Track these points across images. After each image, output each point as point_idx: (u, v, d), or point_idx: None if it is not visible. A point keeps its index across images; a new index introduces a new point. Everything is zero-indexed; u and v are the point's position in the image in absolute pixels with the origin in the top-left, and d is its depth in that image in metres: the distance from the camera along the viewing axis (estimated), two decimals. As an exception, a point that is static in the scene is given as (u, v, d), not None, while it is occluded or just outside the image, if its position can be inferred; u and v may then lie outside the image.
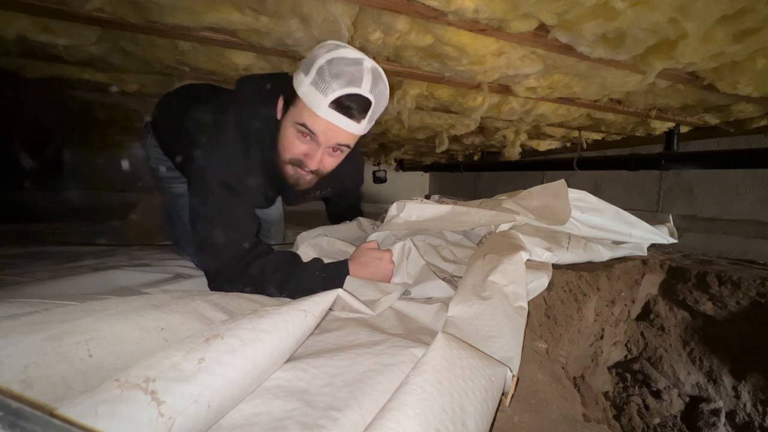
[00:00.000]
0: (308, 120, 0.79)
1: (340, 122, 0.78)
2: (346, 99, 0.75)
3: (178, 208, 1.22)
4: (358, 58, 0.77)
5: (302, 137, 0.82)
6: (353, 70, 0.75)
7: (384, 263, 0.92)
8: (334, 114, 0.77)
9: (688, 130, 1.96)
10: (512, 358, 0.58)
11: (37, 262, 1.17)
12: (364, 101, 0.77)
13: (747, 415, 1.19)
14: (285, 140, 0.84)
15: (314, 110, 0.77)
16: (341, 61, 0.75)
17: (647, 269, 1.48)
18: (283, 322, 0.49)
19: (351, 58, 0.76)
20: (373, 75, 0.77)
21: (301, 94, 0.78)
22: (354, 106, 0.77)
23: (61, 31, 1.00)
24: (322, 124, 0.78)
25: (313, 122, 0.78)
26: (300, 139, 0.82)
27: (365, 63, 0.77)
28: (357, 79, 0.75)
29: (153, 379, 0.35)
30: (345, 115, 0.78)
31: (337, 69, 0.74)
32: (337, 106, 0.76)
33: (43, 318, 0.46)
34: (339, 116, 0.77)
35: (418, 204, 1.10)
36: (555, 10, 0.83)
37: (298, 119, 0.80)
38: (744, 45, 0.92)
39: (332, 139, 0.81)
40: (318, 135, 0.80)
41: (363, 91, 0.76)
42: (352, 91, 0.75)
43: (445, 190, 4.48)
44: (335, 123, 0.78)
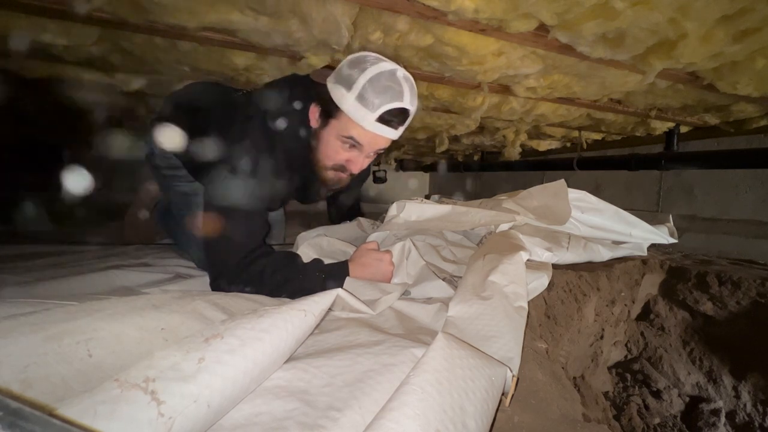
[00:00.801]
0: (355, 133, 0.86)
1: (383, 132, 0.86)
2: (390, 113, 0.82)
3: (183, 207, 1.22)
4: (393, 68, 0.82)
5: (347, 147, 0.89)
6: (393, 83, 0.81)
7: (384, 264, 0.94)
8: (380, 126, 0.84)
9: (688, 130, 1.96)
10: (512, 358, 0.58)
11: (37, 262, 1.17)
12: (405, 112, 0.85)
13: (747, 415, 1.19)
14: (328, 149, 0.91)
15: (361, 124, 0.83)
16: (381, 76, 0.80)
17: (647, 269, 1.48)
18: (283, 321, 0.49)
19: (388, 70, 0.81)
20: (409, 85, 0.84)
21: (346, 110, 0.83)
22: (396, 119, 0.84)
23: (61, 31, 1.00)
24: (368, 136, 0.86)
25: (360, 135, 0.86)
26: (345, 148, 0.89)
27: (398, 73, 0.82)
28: (399, 93, 0.81)
29: (153, 379, 0.35)
30: (388, 126, 0.85)
31: (379, 85, 0.80)
32: (382, 119, 0.83)
33: (42, 318, 0.46)
34: (383, 128, 0.84)
35: (418, 204, 1.10)
36: (555, 10, 0.83)
37: (344, 132, 0.86)
38: (744, 45, 0.92)
39: (374, 147, 0.90)
40: (363, 145, 0.88)
41: (405, 104, 0.83)
42: (397, 106, 0.81)
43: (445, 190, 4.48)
44: (380, 134, 0.86)
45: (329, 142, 0.90)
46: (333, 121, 0.87)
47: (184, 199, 1.20)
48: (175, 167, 1.19)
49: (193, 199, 1.18)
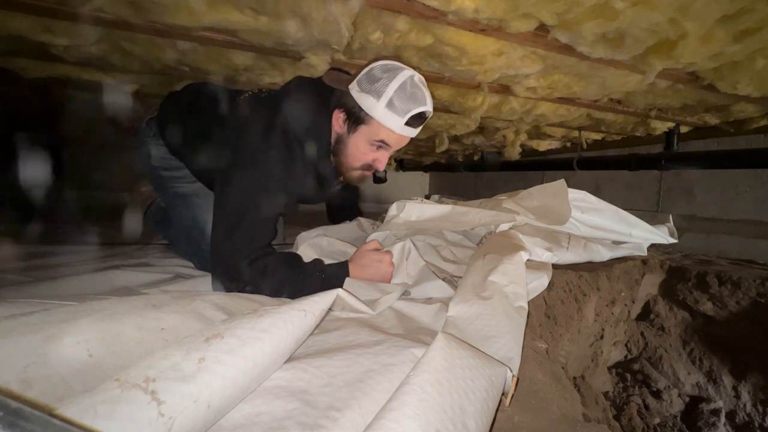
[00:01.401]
0: (386, 137, 0.94)
1: (409, 133, 0.95)
2: (415, 117, 0.90)
3: (178, 209, 1.21)
4: (411, 74, 0.89)
5: (376, 149, 0.97)
6: (416, 90, 0.89)
7: (384, 265, 0.95)
8: (408, 129, 0.93)
9: (688, 130, 1.96)
10: (512, 358, 0.58)
11: (37, 262, 1.17)
12: (427, 113, 0.93)
13: (747, 415, 1.19)
14: (357, 152, 0.97)
15: (392, 129, 0.91)
16: (406, 84, 0.88)
17: (647, 269, 1.48)
18: (283, 321, 0.49)
19: (409, 77, 0.88)
20: (426, 88, 0.92)
21: (378, 117, 0.90)
22: (420, 120, 0.93)
23: (61, 31, 1.00)
24: (396, 138, 0.95)
25: (389, 138, 0.94)
26: (373, 150, 0.97)
27: (416, 78, 0.90)
28: (421, 98, 0.89)
29: (153, 379, 0.35)
30: (413, 127, 0.94)
31: (406, 93, 0.88)
32: (408, 123, 0.91)
33: (42, 318, 0.46)
34: (409, 129, 0.93)
35: (418, 204, 1.10)
36: (555, 10, 0.83)
37: (375, 137, 0.94)
38: (744, 45, 0.92)
39: (400, 145, 0.98)
40: (392, 146, 0.96)
41: (428, 107, 0.91)
42: (422, 110, 0.90)
43: (445, 190, 4.48)
44: (406, 135, 0.95)
45: (359, 146, 0.96)
46: (363, 127, 0.94)
47: (182, 200, 1.20)
48: (174, 168, 1.19)
49: (192, 200, 1.18)
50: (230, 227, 0.86)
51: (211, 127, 1.05)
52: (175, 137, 1.16)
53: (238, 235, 0.85)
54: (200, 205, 1.14)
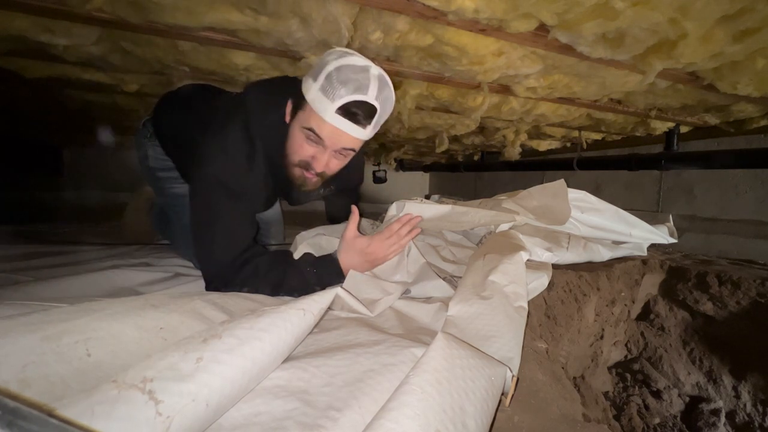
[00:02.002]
0: (315, 125, 0.81)
1: (345, 127, 0.81)
2: (352, 105, 0.78)
3: (176, 209, 1.22)
4: (365, 65, 0.79)
5: (309, 141, 0.85)
6: (360, 77, 0.77)
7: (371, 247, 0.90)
8: (340, 120, 0.80)
9: (688, 130, 1.96)
10: (512, 358, 0.58)
11: (37, 262, 1.17)
12: (370, 108, 0.80)
13: (747, 415, 1.19)
14: (294, 143, 0.87)
15: (321, 115, 0.79)
16: (349, 69, 0.77)
17: (647, 269, 1.48)
18: (282, 320, 0.49)
19: (359, 65, 0.78)
20: (380, 82, 0.80)
21: (309, 100, 0.80)
22: (360, 113, 0.80)
23: (61, 31, 1.00)
24: (328, 129, 0.81)
25: (320, 127, 0.81)
26: (308, 142, 0.85)
27: (372, 70, 0.79)
28: (364, 87, 0.78)
29: (150, 379, 0.35)
30: (351, 121, 0.80)
31: (344, 76, 0.77)
32: (344, 112, 0.79)
33: (41, 318, 0.46)
34: (345, 122, 0.80)
35: (417, 204, 1.09)
36: (555, 10, 0.83)
37: (305, 123, 0.82)
38: (744, 45, 0.92)
39: (338, 144, 0.84)
40: (324, 139, 0.83)
41: (369, 98, 0.78)
42: (359, 98, 0.78)
43: (445, 190, 4.48)
44: (341, 128, 0.81)
45: (295, 136, 0.86)
46: (300, 113, 0.84)
47: (178, 200, 1.20)
48: (169, 169, 1.19)
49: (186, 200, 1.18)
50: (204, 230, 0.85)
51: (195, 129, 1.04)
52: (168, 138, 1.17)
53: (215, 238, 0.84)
54: None
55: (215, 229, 0.85)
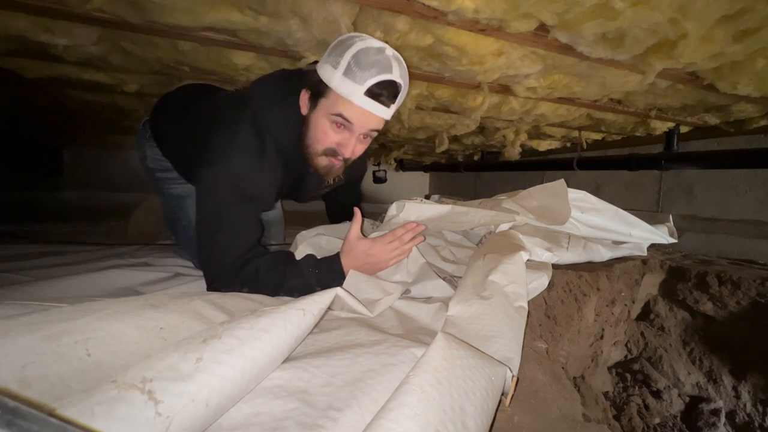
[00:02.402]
0: (344, 109, 0.82)
1: (373, 108, 0.82)
2: (379, 86, 0.79)
3: (176, 209, 1.22)
4: (381, 46, 0.80)
5: (336, 127, 0.85)
6: (381, 58, 0.79)
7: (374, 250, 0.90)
8: (369, 101, 0.81)
9: (688, 130, 1.96)
10: (512, 358, 0.58)
11: (37, 262, 1.17)
12: (395, 86, 0.82)
13: (747, 415, 1.19)
14: (318, 132, 0.87)
15: (350, 99, 0.80)
16: (369, 51, 0.78)
17: (647, 269, 1.48)
18: (282, 320, 0.49)
19: (376, 47, 0.79)
20: (398, 62, 0.81)
21: (335, 86, 0.80)
22: (386, 93, 0.81)
23: (61, 31, 1.00)
24: (357, 112, 0.82)
25: (348, 111, 0.82)
26: (334, 129, 0.85)
27: (387, 51, 0.80)
28: (387, 67, 0.79)
29: (150, 379, 0.35)
30: (378, 101, 0.81)
31: (367, 59, 0.78)
32: (371, 93, 0.80)
33: (41, 318, 0.46)
34: (373, 103, 0.81)
35: (417, 204, 1.09)
36: (555, 10, 0.83)
37: (332, 110, 0.83)
38: (744, 45, 0.92)
39: (366, 126, 0.85)
40: (354, 123, 0.83)
41: (394, 77, 0.80)
42: (385, 78, 0.79)
43: (445, 190, 4.48)
44: (369, 110, 0.82)
45: (318, 124, 0.86)
46: (322, 101, 0.84)
47: (177, 201, 1.20)
48: (167, 170, 1.19)
49: (186, 201, 1.18)
50: (211, 231, 0.85)
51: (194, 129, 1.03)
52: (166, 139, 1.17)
53: (220, 238, 0.84)
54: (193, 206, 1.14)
55: (221, 230, 0.84)
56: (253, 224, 0.91)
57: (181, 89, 1.22)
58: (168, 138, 1.16)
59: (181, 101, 1.17)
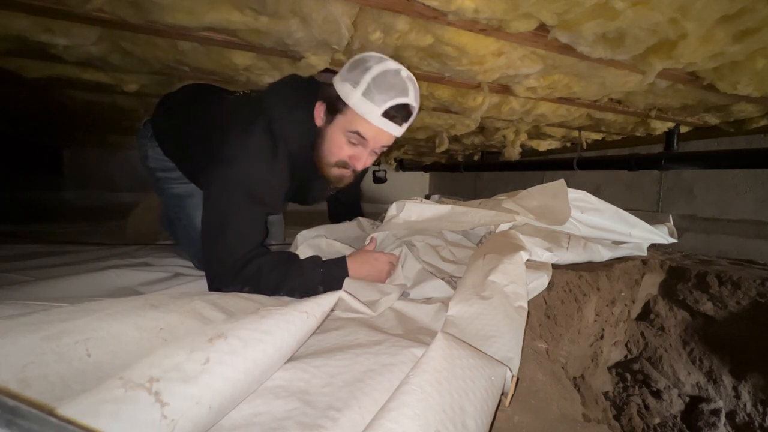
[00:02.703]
0: (361, 127, 0.87)
1: (388, 128, 0.87)
2: (395, 108, 0.84)
3: (177, 208, 1.22)
4: (397, 68, 0.85)
5: (351, 143, 0.90)
6: (398, 81, 0.84)
7: (380, 263, 0.95)
8: (385, 122, 0.86)
9: (688, 130, 1.96)
10: (512, 358, 0.58)
11: (37, 262, 1.17)
12: (409, 109, 0.87)
13: (747, 415, 1.19)
14: (333, 146, 0.92)
15: (368, 119, 0.85)
16: (387, 74, 0.83)
17: (647, 269, 1.48)
18: (285, 323, 0.49)
19: (393, 69, 0.84)
20: (413, 84, 0.87)
21: (353, 105, 0.85)
22: (401, 115, 0.87)
23: (61, 31, 1.00)
24: (373, 131, 0.87)
25: (365, 129, 0.87)
26: (348, 144, 0.91)
27: (402, 72, 0.85)
28: (404, 90, 0.84)
29: (157, 379, 0.35)
30: (393, 122, 0.87)
31: (385, 82, 0.83)
32: (388, 115, 0.85)
33: (41, 318, 0.46)
34: (388, 123, 0.86)
35: (417, 204, 1.10)
36: (555, 10, 0.83)
37: (350, 127, 0.88)
38: (744, 45, 0.92)
39: (379, 143, 0.91)
40: (368, 140, 0.89)
41: (410, 101, 0.85)
42: (402, 101, 0.84)
43: (445, 190, 4.48)
44: (385, 129, 0.87)
45: (334, 138, 0.91)
46: (339, 117, 0.89)
47: (178, 200, 1.20)
48: (169, 169, 1.19)
49: (187, 200, 1.18)
50: (217, 231, 0.86)
51: (200, 129, 1.05)
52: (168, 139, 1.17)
53: (226, 239, 0.85)
54: (195, 205, 1.14)
55: (227, 230, 0.85)
56: (259, 226, 0.92)
57: (182, 90, 1.22)
58: (171, 138, 1.16)
59: (183, 101, 1.17)
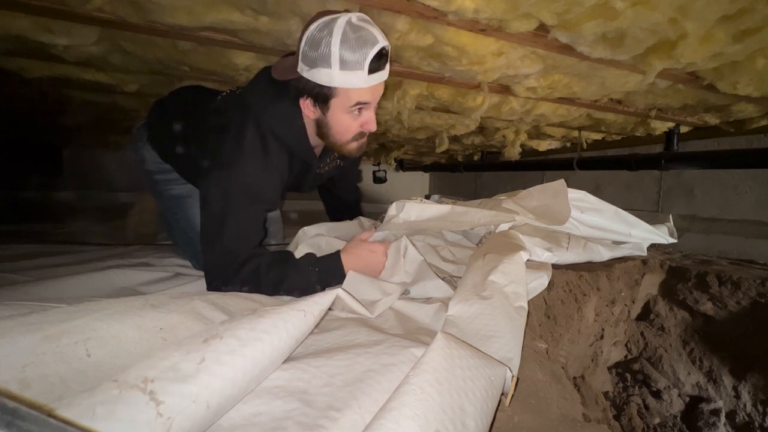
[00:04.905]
0: (359, 96, 0.85)
1: (380, 78, 0.85)
2: (375, 60, 0.81)
3: (175, 210, 1.22)
4: (347, 19, 0.78)
5: (356, 114, 0.89)
6: (360, 33, 0.78)
7: (376, 255, 0.94)
8: (374, 76, 0.83)
9: (688, 130, 1.96)
10: (512, 358, 0.58)
11: (37, 262, 1.17)
12: (385, 50, 0.83)
13: (747, 415, 1.19)
14: (341, 127, 0.90)
15: (359, 86, 0.83)
16: (346, 34, 0.77)
17: (647, 269, 1.48)
18: (283, 321, 0.49)
19: (346, 24, 0.77)
20: (369, 23, 0.80)
21: (339, 84, 0.82)
22: (383, 60, 0.83)
23: (61, 31, 1.00)
24: (370, 91, 0.86)
25: (363, 95, 0.86)
26: (354, 117, 0.89)
27: (353, 19, 0.78)
28: (371, 38, 0.79)
29: (152, 380, 0.35)
30: (379, 71, 0.84)
31: (350, 42, 0.77)
32: (372, 69, 0.82)
33: (41, 318, 0.46)
34: (377, 75, 0.84)
35: (417, 204, 1.09)
36: (555, 10, 0.83)
37: (349, 103, 0.86)
38: (744, 45, 0.92)
39: (379, 95, 0.90)
40: (370, 101, 0.88)
41: (381, 42, 0.80)
42: (377, 49, 0.80)
43: (445, 190, 4.48)
44: (377, 82, 0.85)
45: (340, 121, 0.89)
46: (333, 101, 0.86)
47: (176, 202, 1.21)
48: (166, 171, 1.20)
49: (185, 201, 1.19)
50: (215, 233, 0.86)
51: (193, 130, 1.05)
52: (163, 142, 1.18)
53: (223, 239, 0.85)
54: (193, 206, 1.14)
55: (225, 231, 0.86)
56: (256, 226, 0.92)
57: (173, 93, 1.23)
58: (167, 142, 1.16)
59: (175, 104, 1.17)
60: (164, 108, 1.19)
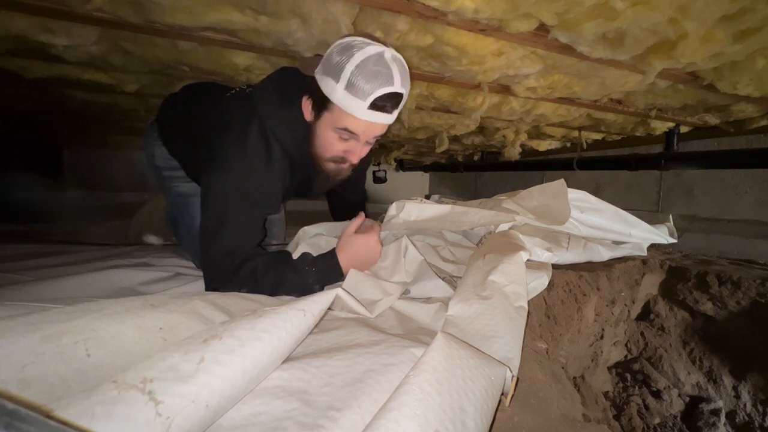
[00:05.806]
0: (349, 124, 0.82)
1: (378, 119, 0.82)
2: (382, 99, 0.78)
3: (180, 207, 1.23)
4: (380, 51, 0.77)
5: (342, 138, 0.86)
6: (381, 67, 0.76)
7: (370, 245, 0.93)
8: (373, 114, 0.80)
9: (688, 130, 1.96)
10: (512, 358, 0.58)
11: (37, 262, 1.17)
12: (397, 96, 0.81)
13: (747, 415, 1.19)
14: (324, 142, 0.88)
15: (354, 114, 0.80)
16: (368, 61, 0.76)
17: (647, 269, 1.48)
18: (282, 321, 0.49)
19: (375, 54, 0.76)
20: (399, 66, 0.79)
21: (337, 101, 0.80)
22: (389, 103, 0.81)
23: (61, 31, 1.00)
24: (362, 125, 0.83)
25: (353, 125, 0.83)
26: (339, 140, 0.87)
27: (386, 54, 0.77)
28: (389, 77, 0.77)
29: (151, 380, 0.35)
30: (382, 112, 0.81)
31: (367, 71, 0.76)
32: (375, 106, 0.79)
33: (40, 318, 0.46)
34: (377, 114, 0.81)
35: (417, 204, 1.09)
36: (555, 10, 0.83)
37: (338, 124, 0.83)
38: (744, 45, 0.92)
39: (371, 134, 0.87)
40: (359, 135, 0.85)
41: (396, 88, 0.78)
42: (388, 91, 0.77)
43: (445, 190, 4.48)
44: (374, 121, 0.82)
45: (324, 135, 0.87)
46: (326, 114, 0.85)
47: (182, 199, 1.21)
48: (174, 168, 1.20)
49: (191, 199, 1.19)
50: (214, 233, 0.86)
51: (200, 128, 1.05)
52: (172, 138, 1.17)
53: (221, 240, 0.85)
54: (196, 204, 1.14)
55: (224, 232, 0.85)
56: (255, 228, 0.92)
57: (185, 88, 1.22)
58: (175, 137, 1.16)
59: (185, 101, 1.17)
60: (174, 104, 1.19)
